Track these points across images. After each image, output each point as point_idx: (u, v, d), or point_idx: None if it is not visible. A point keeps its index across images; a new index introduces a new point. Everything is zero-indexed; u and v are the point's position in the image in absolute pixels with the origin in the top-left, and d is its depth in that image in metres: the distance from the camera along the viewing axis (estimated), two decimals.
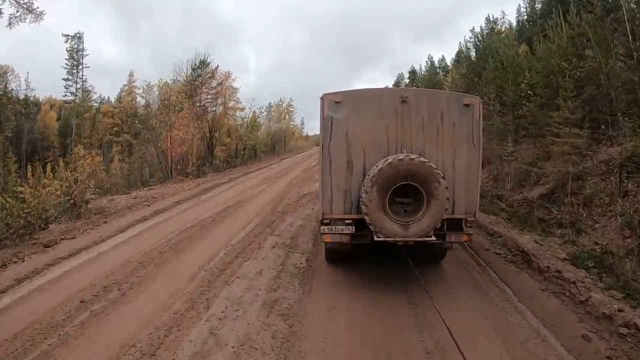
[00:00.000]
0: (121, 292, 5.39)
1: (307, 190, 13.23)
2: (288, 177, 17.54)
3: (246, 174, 19.48)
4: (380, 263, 6.03)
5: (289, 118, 54.18)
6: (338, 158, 5.00)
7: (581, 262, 6.43)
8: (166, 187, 15.88)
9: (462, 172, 5.03)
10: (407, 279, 5.52)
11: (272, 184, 15.32)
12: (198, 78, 25.84)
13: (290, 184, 14.95)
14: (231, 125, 28.98)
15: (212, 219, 9.16)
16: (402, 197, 4.77)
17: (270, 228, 8.19)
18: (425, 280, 5.35)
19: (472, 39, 20.16)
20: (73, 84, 39.96)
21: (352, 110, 5.01)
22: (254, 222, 8.71)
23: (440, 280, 5.60)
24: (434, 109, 5.03)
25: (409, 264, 5.81)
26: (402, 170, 4.59)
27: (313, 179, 16.37)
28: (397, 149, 4.92)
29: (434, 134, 4.99)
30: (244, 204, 11.03)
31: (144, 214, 10.09)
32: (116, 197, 14.54)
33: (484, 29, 23.80)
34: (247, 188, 14.12)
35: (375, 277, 5.60)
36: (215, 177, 18.36)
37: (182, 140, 18.15)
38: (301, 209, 10.07)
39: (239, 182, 15.95)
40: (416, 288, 5.26)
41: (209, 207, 10.64)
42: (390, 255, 5.99)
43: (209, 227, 8.47)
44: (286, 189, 13.46)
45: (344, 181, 5.00)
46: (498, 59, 16.25)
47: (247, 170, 21.18)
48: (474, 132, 5.06)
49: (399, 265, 5.90)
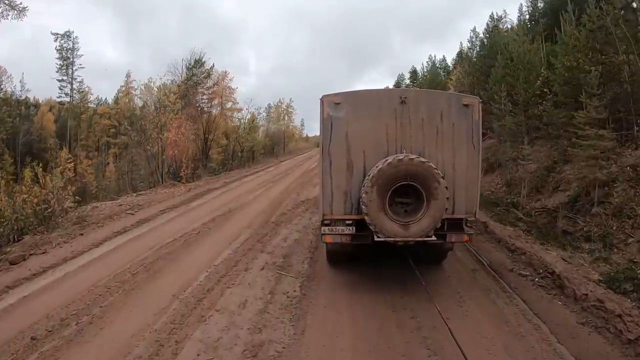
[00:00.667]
0: (79, 328, 4.51)
1: (304, 196, 12.31)
2: (285, 181, 16.63)
3: (242, 177, 18.57)
4: (387, 291, 5.15)
5: (289, 119, 53.37)
6: (338, 159, 4.98)
7: (618, 284, 5.50)
8: (156, 193, 14.98)
9: (462, 172, 5.00)
10: (427, 320, 4.60)
11: (267, 189, 14.41)
12: (193, 77, 25.01)
13: (287, 189, 14.03)
14: (228, 127, 28.09)
15: (198, 231, 8.25)
16: (402, 197, 4.74)
17: (261, 243, 7.27)
18: (446, 315, 4.43)
19: (478, 36, 19.26)
20: (67, 85, 39.23)
21: (351, 111, 4.98)
22: (244, 235, 7.79)
23: (462, 314, 4.66)
24: (433, 109, 5.01)
25: (427, 295, 4.99)
26: (402, 171, 4.57)
27: (312, 183, 15.46)
28: (397, 150, 4.90)
29: (433, 134, 4.98)
30: (235, 213, 10.12)
31: (125, 225, 9.19)
32: (102, 203, 13.63)
33: (489, 25, 22.84)
34: (241, 194, 13.20)
35: (385, 313, 4.69)
36: (210, 181, 17.46)
37: (175, 142, 17.24)
38: (297, 219, 9.16)
39: (233, 187, 15.04)
40: (438, 330, 4.34)
41: (197, 216, 9.73)
42: (399, 279, 5.31)
43: (192, 242, 7.56)
44: (282, 195, 12.54)
45: (344, 182, 4.97)
46: (507, 55, 15.34)
47: (243, 174, 20.28)
48: (473, 132, 5.04)
49: (413, 300, 5.01)
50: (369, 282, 5.40)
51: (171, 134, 16.52)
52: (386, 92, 5.68)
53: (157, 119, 17.21)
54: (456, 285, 5.47)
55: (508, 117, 12.58)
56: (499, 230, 8.16)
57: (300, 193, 12.88)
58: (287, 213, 9.69)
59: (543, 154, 11.94)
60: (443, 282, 5.59)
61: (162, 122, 17.14)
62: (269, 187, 14.76)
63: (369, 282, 5.43)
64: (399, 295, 5.05)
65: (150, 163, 17.24)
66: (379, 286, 5.28)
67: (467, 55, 24.06)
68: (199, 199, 12.64)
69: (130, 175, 21.04)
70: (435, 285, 5.37)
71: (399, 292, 5.11)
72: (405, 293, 5.10)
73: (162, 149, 16.92)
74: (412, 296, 5.02)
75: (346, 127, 4.97)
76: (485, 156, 14.36)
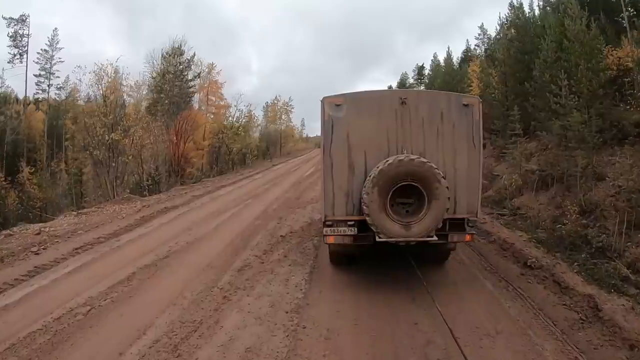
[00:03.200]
0: None
1: (292, 222, 8.83)
2: (269, 195, 13.03)
3: (218, 188, 15.00)
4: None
5: (287, 118, 49.75)
6: (339, 160, 4.98)
7: None
8: (99, 212, 11.44)
9: (463, 172, 4.98)
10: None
11: (242, 208, 10.82)
12: (170, 68, 21.54)
13: (267, 210, 10.41)
14: (214, 126, 24.56)
15: (108, 298, 4.80)
16: (403, 198, 4.71)
17: (199, 338, 3.73)
18: None
19: (510, 17, 15.73)
20: (45, 80, 35.68)
21: (352, 112, 4.98)
22: (167, 317, 4.26)
23: None
24: (433, 109, 4.99)
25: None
26: (403, 171, 4.57)
27: (304, 199, 11.90)
28: (398, 150, 4.89)
29: (434, 135, 4.97)
30: (178, 257, 6.59)
31: (11, 276, 5.94)
32: (27, 228, 10.15)
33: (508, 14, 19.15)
34: (204, 217, 9.64)
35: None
36: (175, 194, 13.92)
37: (135, 146, 13.73)
38: (269, 275, 5.61)
39: (197, 206, 11.45)
40: None
41: (122, 262, 6.31)
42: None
43: (86, 326, 4.08)
44: (257, 224, 8.92)
45: (346, 183, 4.97)
46: (554, 37, 11.78)
47: (222, 183, 16.67)
48: (474, 132, 5.02)
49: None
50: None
51: (127, 139, 12.90)
52: (386, 93, 5.74)
53: (107, 118, 13.54)
54: None
55: (575, 114, 8.97)
56: (595, 292, 4.82)
57: (284, 218, 9.32)
58: (254, 264, 6.13)
59: (622, 167, 8.33)
60: None
61: (112, 121, 13.50)
62: (245, 206, 11.18)
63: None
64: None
65: (98, 172, 13.67)
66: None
67: (492, 47, 20.23)
68: (143, 226, 9.11)
69: (81, 186, 17.50)
70: None
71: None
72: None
73: (114, 154, 13.34)
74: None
75: (347, 128, 4.94)
76: (535, 167, 10.81)
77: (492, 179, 12.67)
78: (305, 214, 9.68)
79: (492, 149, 14.96)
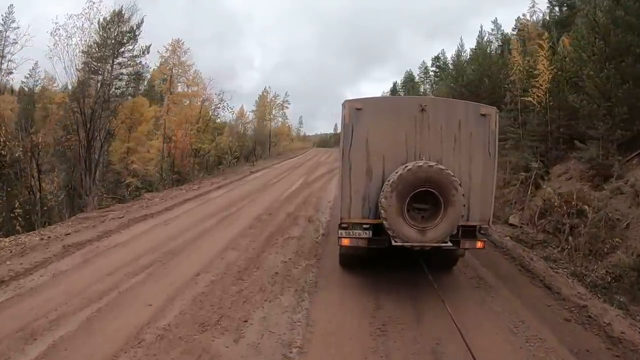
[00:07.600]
0: None
1: None
2: (213, 244, 7.31)
3: (118, 229, 8.60)
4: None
5: (282, 114, 44.05)
6: (358, 164, 5.10)
7: None
8: None
9: (478, 180, 5.10)
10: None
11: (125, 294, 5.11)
12: (108, 41, 15.89)
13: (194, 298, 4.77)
14: (174, 121, 18.82)
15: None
16: (419, 203, 4.82)
17: None
18: None
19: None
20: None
21: (372, 117, 5.12)
22: None
23: None
24: (451, 118, 5.10)
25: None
26: (421, 177, 4.67)
27: (289, 246, 6.36)
28: (415, 156, 5.01)
29: (451, 142, 5.07)
30: None
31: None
32: None
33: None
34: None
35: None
36: (57, 231, 8.13)
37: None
38: None
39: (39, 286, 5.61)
40: None
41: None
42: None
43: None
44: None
45: (363, 187, 5.09)
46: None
47: (142, 212, 10.40)
48: (489, 142, 5.13)
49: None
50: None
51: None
52: (406, 100, 5.86)
53: None
54: None
55: None
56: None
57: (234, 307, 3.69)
58: None
59: None
60: None
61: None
62: (132, 290, 5.49)
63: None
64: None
65: None
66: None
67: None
68: None
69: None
70: None
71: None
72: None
73: None
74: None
75: (366, 133, 5.08)
76: None
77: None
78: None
79: (587, 169, 9.49)
